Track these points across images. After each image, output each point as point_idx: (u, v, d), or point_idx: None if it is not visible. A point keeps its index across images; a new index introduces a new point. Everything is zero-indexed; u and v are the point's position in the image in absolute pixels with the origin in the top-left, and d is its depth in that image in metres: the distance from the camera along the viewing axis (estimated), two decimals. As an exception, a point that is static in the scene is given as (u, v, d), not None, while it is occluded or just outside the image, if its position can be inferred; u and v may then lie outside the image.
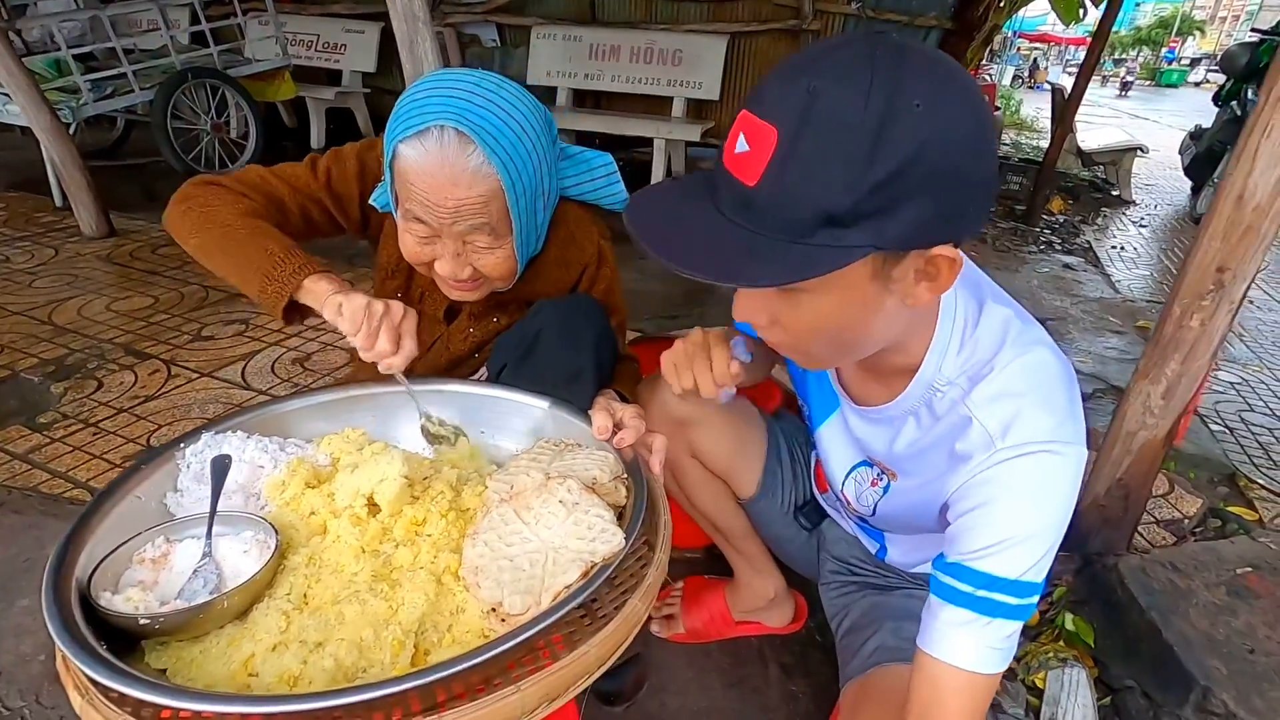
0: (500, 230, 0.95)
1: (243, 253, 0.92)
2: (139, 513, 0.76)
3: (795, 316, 0.71)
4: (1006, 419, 0.75)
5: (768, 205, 0.62)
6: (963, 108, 0.61)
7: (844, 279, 0.65)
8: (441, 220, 0.91)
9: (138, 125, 4.84)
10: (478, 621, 0.67)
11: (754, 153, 0.62)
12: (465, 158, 0.87)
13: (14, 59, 3.12)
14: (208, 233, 0.95)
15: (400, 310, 0.88)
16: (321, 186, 1.07)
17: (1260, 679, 1.31)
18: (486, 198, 0.90)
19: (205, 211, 0.96)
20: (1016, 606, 0.73)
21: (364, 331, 0.84)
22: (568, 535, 0.69)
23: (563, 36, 5.07)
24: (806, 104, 0.59)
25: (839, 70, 0.60)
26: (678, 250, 0.65)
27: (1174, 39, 30.57)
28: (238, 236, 0.93)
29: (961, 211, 0.64)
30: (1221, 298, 1.34)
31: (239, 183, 1.02)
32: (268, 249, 0.91)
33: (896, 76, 0.59)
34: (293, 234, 1.06)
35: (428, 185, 0.89)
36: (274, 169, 1.07)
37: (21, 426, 1.97)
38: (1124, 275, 4.00)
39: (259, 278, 0.90)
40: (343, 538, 0.74)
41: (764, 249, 0.62)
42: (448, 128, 0.87)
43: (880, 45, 0.61)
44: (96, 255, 3.25)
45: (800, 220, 0.61)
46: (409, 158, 0.88)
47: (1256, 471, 2.05)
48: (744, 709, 1.32)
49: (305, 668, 0.60)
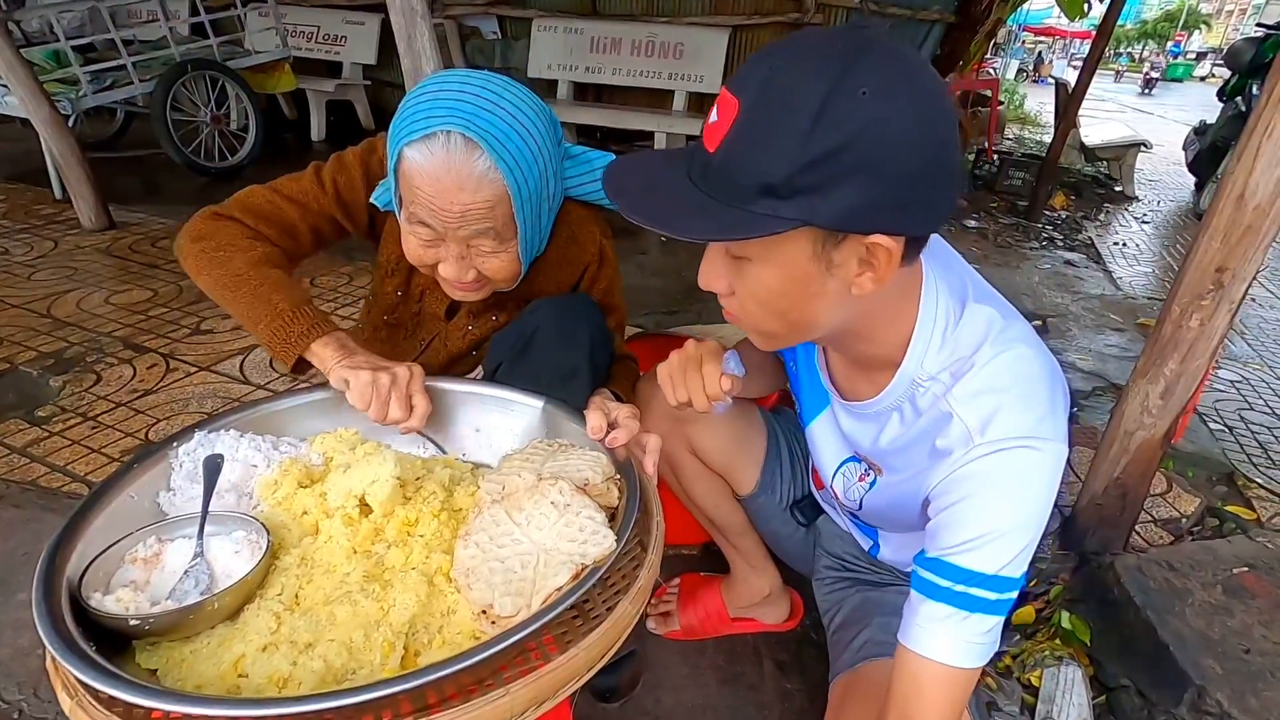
0: (505, 234, 0.95)
1: (253, 307, 0.94)
2: (132, 512, 0.76)
3: (744, 288, 0.74)
4: (986, 415, 0.75)
5: (720, 171, 0.66)
6: (910, 102, 0.63)
7: (784, 253, 0.69)
8: (447, 225, 0.91)
9: (137, 117, 4.82)
10: (469, 623, 0.67)
11: (719, 122, 0.66)
12: (472, 163, 0.87)
13: (13, 50, 3.10)
14: (219, 278, 0.96)
15: (406, 375, 0.88)
16: (331, 200, 1.07)
17: (1255, 678, 1.31)
18: (492, 203, 0.90)
19: (218, 256, 0.97)
20: (995, 601, 0.74)
21: (374, 407, 0.84)
22: (559, 537, 0.69)
23: (564, 29, 5.04)
24: (766, 80, 0.63)
25: (802, 54, 0.64)
26: (634, 199, 0.71)
27: (1180, 33, 30.37)
28: (249, 287, 0.94)
29: (902, 203, 0.65)
30: (1221, 298, 1.33)
31: (250, 213, 1.02)
32: (277, 307, 0.92)
33: (850, 63, 0.62)
34: (305, 254, 1.10)
35: (433, 190, 0.88)
36: (279, 187, 1.06)
37: (20, 420, 1.98)
38: (1126, 272, 3.99)
39: (268, 334, 0.92)
40: (335, 538, 0.74)
41: (709, 209, 0.67)
42: (454, 133, 0.86)
43: (849, 36, 0.64)
44: (96, 248, 3.25)
45: (744, 187, 0.65)
46: (415, 161, 0.88)
47: (1255, 471, 2.05)
48: (739, 706, 1.32)
49: (295, 669, 0.60)
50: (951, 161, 0.66)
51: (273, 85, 5.04)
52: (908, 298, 0.79)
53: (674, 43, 4.81)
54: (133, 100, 4.22)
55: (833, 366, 0.98)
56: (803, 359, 1.04)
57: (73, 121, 3.62)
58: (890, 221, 0.66)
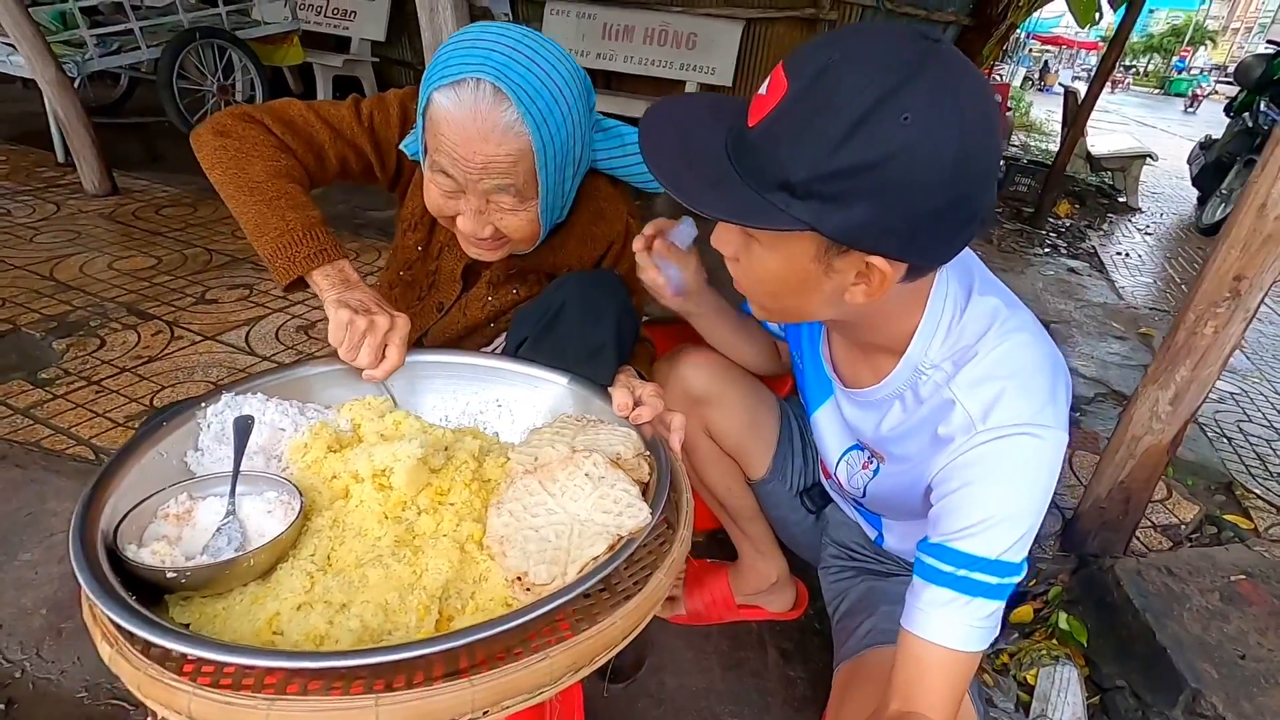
0: (526, 192, 0.93)
1: (264, 217, 0.91)
2: (160, 469, 0.75)
3: (747, 262, 0.76)
4: (988, 402, 0.76)
5: (752, 149, 0.66)
6: (952, 137, 0.60)
7: (789, 246, 0.69)
8: (468, 175, 0.90)
9: (142, 83, 4.76)
10: (501, 590, 0.67)
11: (767, 98, 0.65)
12: (499, 113, 0.86)
13: (19, 8, 3.06)
14: (236, 179, 0.93)
15: (386, 323, 0.86)
16: (365, 131, 1.04)
17: (1249, 683, 1.33)
18: (515, 157, 0.89)
19: (239, 157, 0.94)
20: (996, 586, 0.75)
21: (344, 348, 0.84)
22: (594, 509, 0.69)
23: (576, 14, 5.01)
24: (820, 71, 0.62)
25: (861, 54, 0.62)
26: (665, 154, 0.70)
27: (1185, 48, 30.45)
28: (264, 196, 0.91)
29: (912, 233, 0.65)
30: (1237, 306, 1.35)
31: (281, 123, 0.99)
32: (289, 223, 0.90)
33: (903, 81, 0.59)
34: (326, 181, 1.06)
35: (458, 137, 0.87)
36: (317, 107, 1.03)
37: (23, 381, 1.96)
38: (1128, 282, 4.02)
39: (272, 248, 0.90)
40: (366, 503, 0.74)
41: (728, 185, 0.67)
42: (484, 81, 0.85)
43: (913, 48, 0.61)
44: (99, 213, 3.22)
45: (766, 173, 0.65)
46: (442, 106, 0.86)
47: (1253, 481, 2.07)
48: (742, 691, 1.33)
49: (331, 628, 0.60)
50: (977, 204, 0.65)
51: (280, 58, 4.98)
52: (916, 292, 0.80)
53: (687, 32, 4.79)
54: (138, 66, 4.16)
55: (836, 354, 0.99)
56: (807, 349, 1.05)
57: (77, 84, 3.57)
58: (894, 248, 0.66)
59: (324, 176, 1.05)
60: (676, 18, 4.80)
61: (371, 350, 0.83)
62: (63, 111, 3.29)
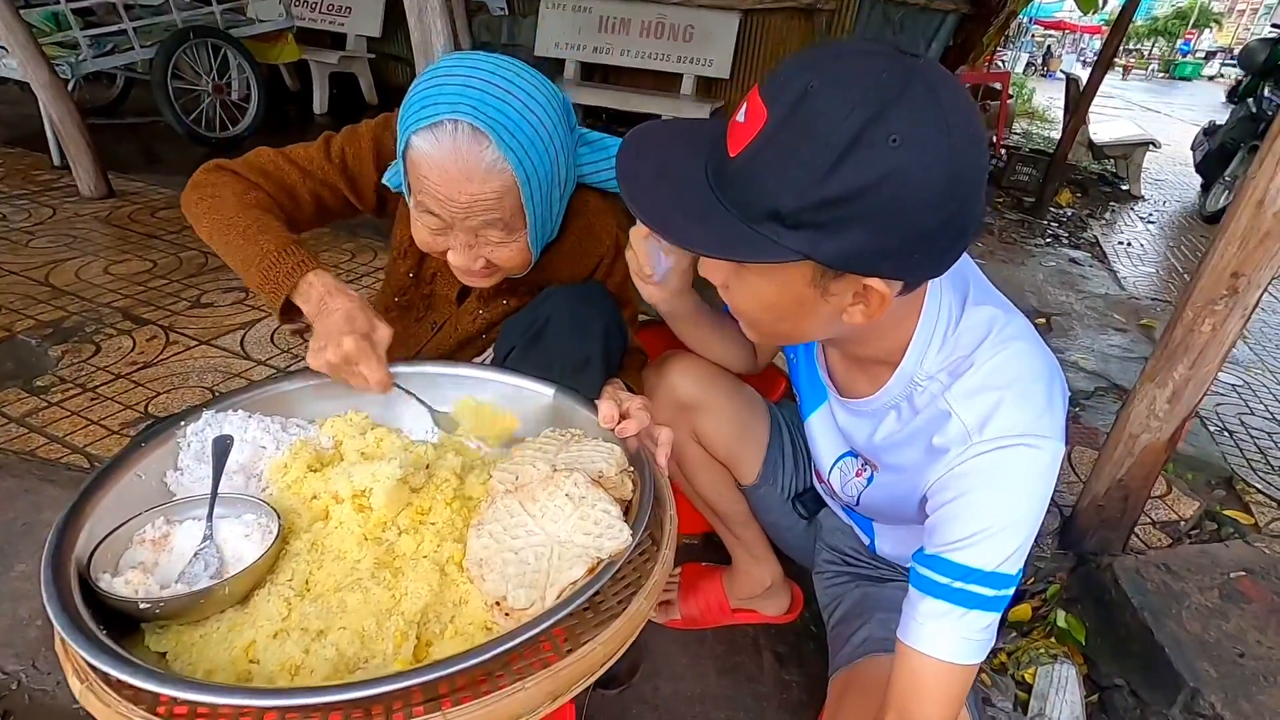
0: (514, 224, 0.93)
1: (242, 249, 0.91)
2: (139, 491, 0.75)
3: (739, 290, 0.75)
4: (984, 413, 0.76)
5: (735, 180, 0.65)
6: (941, 155, 0.59)
7: (782, 274, 0.68)
8: (454, 214, 0.89)
9: (137, 84, 4.75)
10: (481, 614, 0.66)
11: (746, 126, 0.63)
12: (480, 152, 0.85)
13: (11, 10, 3.04)
14: (214, 224, 0.94)
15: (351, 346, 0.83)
16: (336, 169, 1.05)
17: (1248, 682, 1.32)
18: (500, 193, 0.88)
19: (213, 201, 0.95)
20: (992, 598, 0.74)
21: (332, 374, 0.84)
22: (574, 530, 0.68)
23: (572, 7, 4.97)
24: (799, 99, 0.60)
25: (841, 78, 0.60)
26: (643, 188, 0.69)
27: (1190, 31, 30.13)
28: (239, 229, 0.92)
29: (907, 253, 0.64)
30: (1235, 303, 1.33)
31: (250, 169, 1.01)
32: (264, 248, 0.90)
33: (887, 103, 0.58)
34: (305, 221, 1.06)
35: (440, 179, 0.86)
36: (287, 151, 1.04)
37: (19, 389, 1.96)
38: (1130, 272, 3.98)
39: (257, 277, 0.90)
40: (345, 524, 0.73)
41: (714, 217, 0.65)
42: (461, 121, 0.83)
43: (893, 67, 0.60)
44: (95, 216, 3.21)
45: (753, 205, 0.63)
46: (421, 149, 0.86)
47: (1254, 475, 2.06)
48: (737, 696, 1.33)
49: (307, 657, 0.59)
50: (969, 218, 0.65)
51: (275, 55, 4.97)
52: (910, 305, 0.80)
53: (684, 25, 4.75)
54: (133, 66, 4.15)
55: (831, 363, 0.99)
56: (803, 352, 1.04)
57: (72, 87, 3.55)
58: (891, 268, 0.66)
59: (301, 216, 1.05)
60: (673, 10, 4.77)
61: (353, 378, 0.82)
62: (57, 114, 3.28)
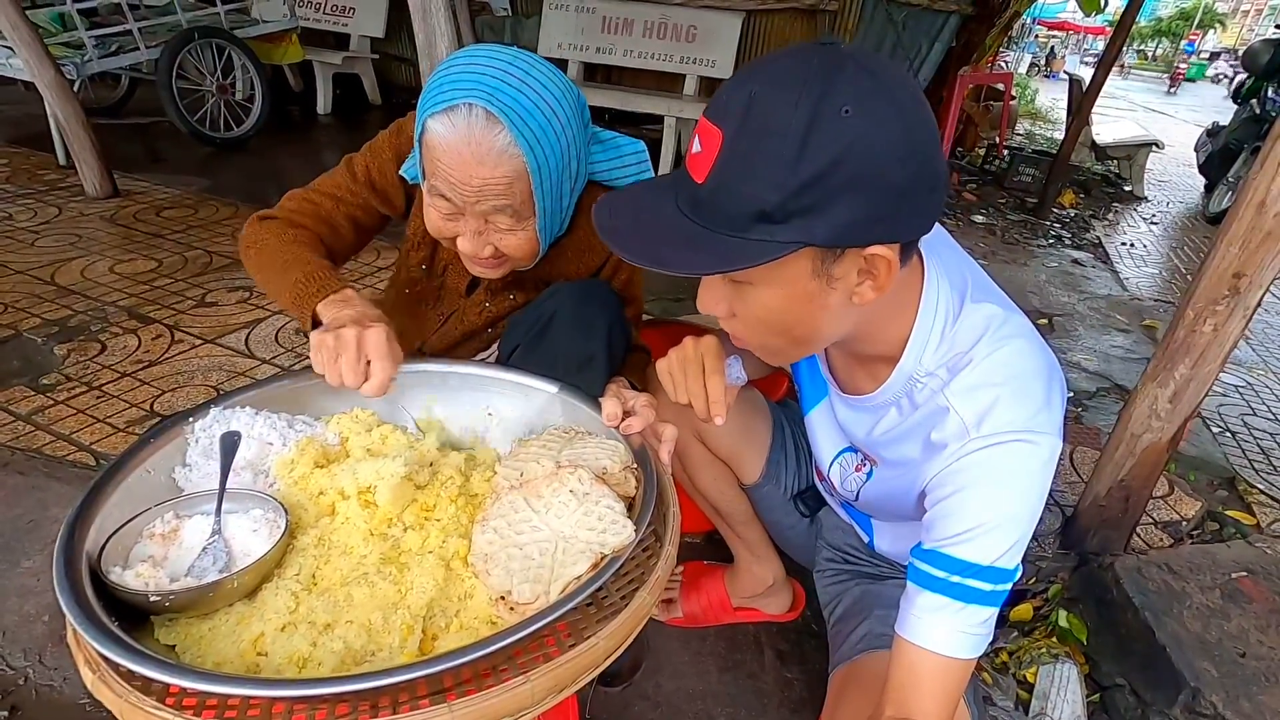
0: (523, 212, 0.94)
1: (280, 282, 0.96)
2: (148, 487, 0.76)
3: (746, 310, 0.74)
4: (982, 409, 0.76)
5: (711, 201, 0.66)
6: (892, 114, 0.63)
7: (784, 274, 0.69)
8: (465, 198, 0.91)
9: (142, 84, 4.77)
10: (485, 608, 0.67)
11: (704, 153, 0.66)
12: (492, 137, 0.86)
13: (18, 11, 3.06)
14: (262, 267, 1.00)
15: (353, 335, 0.82)
16: (364, 187, 1.09)
17: (1249, 682, 1.33)
18: (511, 179, 0.89)
19: (261, 252, 1.01)
20: (989, 593, 0.75)
21: (327, 370, 0.83)
22: (578, 526, 0.69)
23: (575, 8, 4.98)
24: (746, 107, 0.63)
25: (777, 77, 0.64)
26: (625, 236, 0.70)
27: (1194, 32, 30.04)
28: (278, 264, 0.97)
29: (893, 212, 0.66)
30: (1236, 304, 1.33)
31: (289, 211, 1.07)
32: (295, 279, 0.94)
33: (827, 83, 0.62)
34: (347, 247, 1.12)
35: (453, 162, 0.88)
36: (315, 185, 1.10)
37: (25, 387, 1.97)
38: (1133, 273, 3.98)
39: (293, 307, 0.94)
40: (351, 519, 0.74)
41: (703, 241, 0.67)
42: (476, 106, 0.85)
43: (820, 54, 0.64)
44: (100, 216, 3.22)
45: (738, 216, 0.65)
46: (437, 133, 0.88)
47: (1256, 476, 2.06)
48: (738, 693, 1.33)
49: (314, 650, 0.60)
50: (937, 166, 0.67)
51: (279, 56, 4.98)
52: (908, 296, 0.80)
53: (687, 25, 4.76)
54: (138, 67, 4.16)
55: (832, 360, 0.99)
56: None
57: (77, 86, 3.57)
58: (885, 232, 0.67)
59: (342, 242, 1.10)
60: (676, 11, 4.77)
61: (351, 368, 0.82)
62: (62, 114, 3.29)
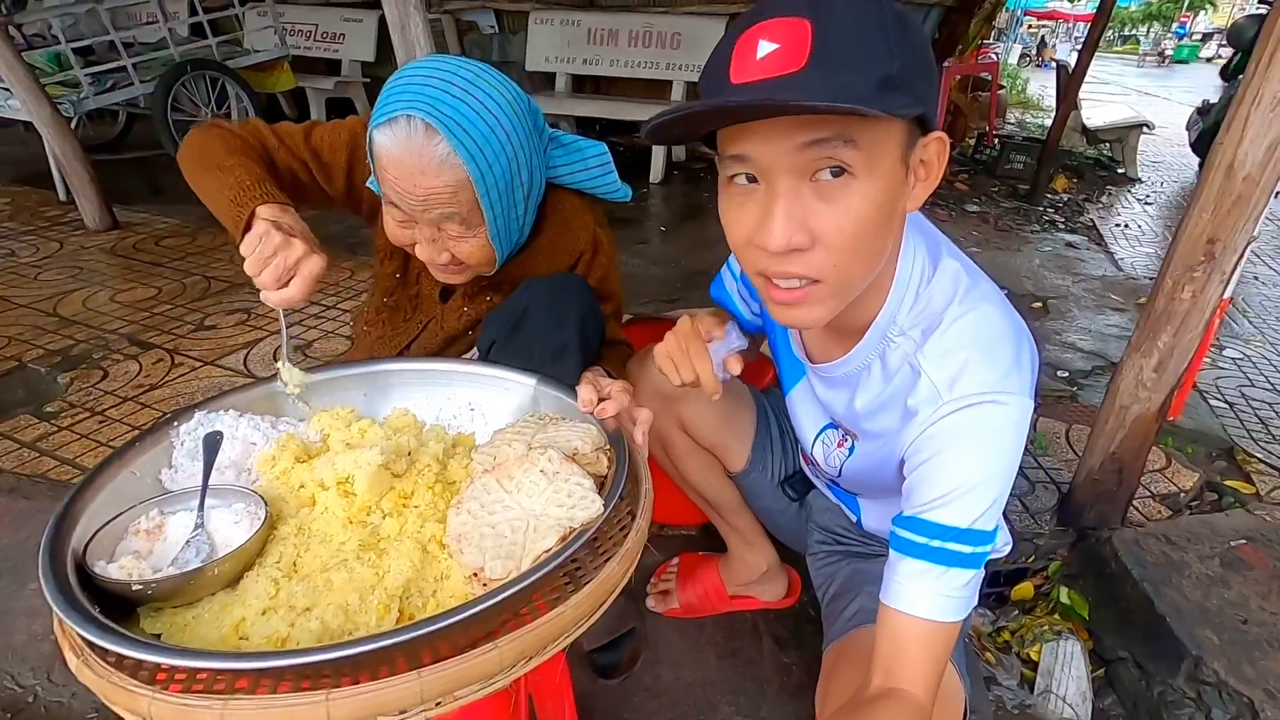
0: (472, 220, 0.97)
1: (220, 182, 0.95)
2: (134, 488, 0.78)
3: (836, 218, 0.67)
4: (953, 372, 0.78)
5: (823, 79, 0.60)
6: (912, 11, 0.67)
7: (884, 157, 0.66)
8: (413, 207, 0.94)
9: (139, 118, 4.86)
10: (461, 587, 0.68)
11: (788, 46, 0.61)
12: (432, 148, 0.89)
13: (13, 53, 3.14)
14: (198, 170, 0.99)
15: (301, 249, 0.85)
16: (308, 150, 1.09)
17: (1252, 648, 1.32)
18: (455, 187, 0.92)
19: (201, 152, 1.01)
20: (970, 555, 0.76)
21: (255, 255, 0.83)
22: (548, 503, 0.70)
23: (560, 21, 5.05)
24: None
25: None
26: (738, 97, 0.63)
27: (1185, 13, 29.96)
28: (220, 166, 0.96)
29: (936, 94, 0.69)
30: (1213, 269, 1.34)
31: (238, 128, 1.07)
32: (239, 179, 0.93)
33: None
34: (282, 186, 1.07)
35: (398, 172, 0.91)
36: (275, 126, 1.10)
37: (30, 416, 2.01)
38: (1128, 253, 3.97)
39: (227, 203, 0.92)
40: (331, 509, 0.76)
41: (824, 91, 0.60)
42: (415, 117, 0.88)
43: None
44: (100, 248, 3.29)
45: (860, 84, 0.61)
46: (381, 144, 0.91)
47: (1255, 446, 2.05)
48: (737, 680, 1.34)
49: (293, 630, 0.62)
50: None
51: (272, 84, 5.06)
52: (891, 253, 0.80)
53: (671, 32, 4.81)
54: (134, 101, 4.25)
55: (805, 335, 1.00)
56: (780, 331, 1.06)
57: (75, 123, 3.65)
58: (933, 115, 0.69)
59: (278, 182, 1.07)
60: (660, 19, 4.83)
61: (276, 270, 0.82)
62: (60, 151, 3.37)
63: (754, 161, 0.67)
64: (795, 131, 0.63)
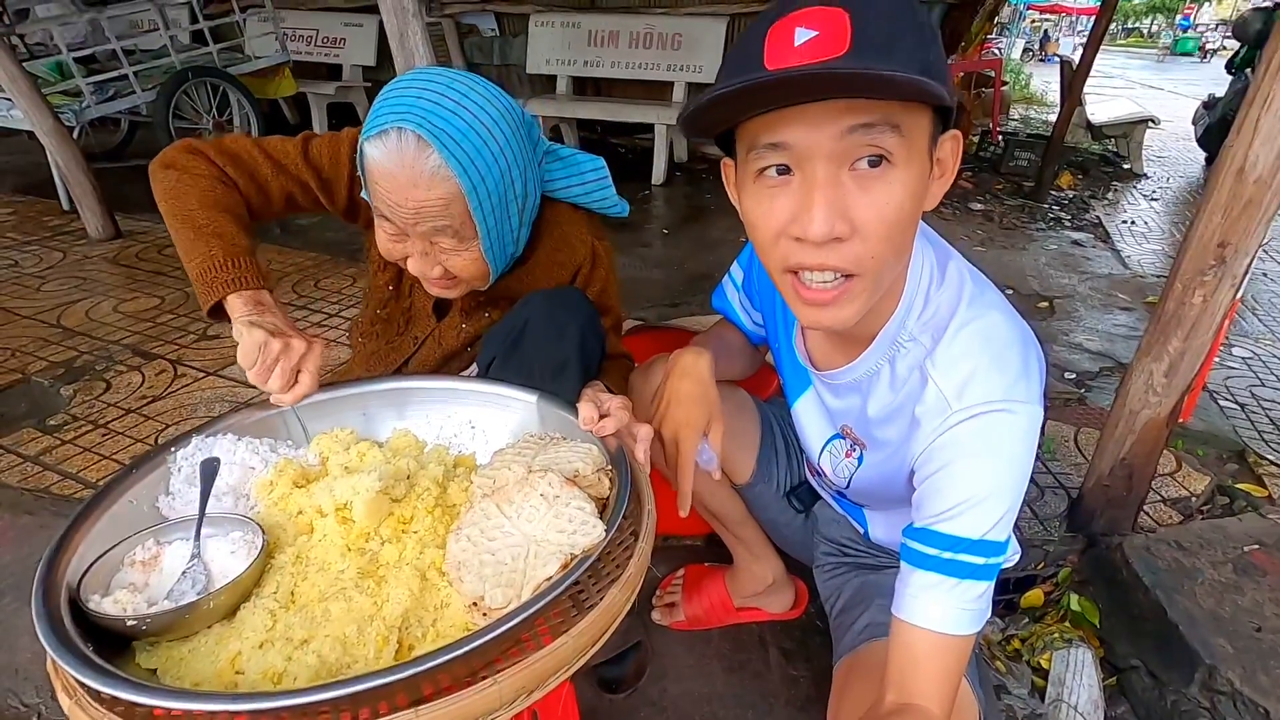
0: (465, 233, 0.95)
1: (193, 245, 0.93)
2: (131, 515, 0.77)
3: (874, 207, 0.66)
4: (961, 382, 0.77)
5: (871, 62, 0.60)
6: None
7: (919, 147, 0.66)
8: (404, 220, 0.92)
9: (141, 126, 4.87)
10: (461, 616, 0.67)
11: (828, 34, 0.60)
12: (423, 160, 0.88)
13: (15, 63, 3.14)
14: (172, 209, 0.97)
15: (302, 347, 0.85)
16: (309, 168, 1.07)
17: (1267, 656, 1.30)
18: (446, 200, 0.91)
19: (178, 188, 0.98)
20: (983, 566, 0.75)
21: (256, 370, 0.82)
22: (548, 528, 0.69)
23: (561, 24, 5.04)
24: None
25: None
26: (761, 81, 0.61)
27: (1189, 5, 29.76)
28: (194, 225, 0.94)
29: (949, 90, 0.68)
30: (1224, 273, 1.32)
31: (224, 155, 1.02)
32: (211, 252, 0.92)
33: None
34: (271, 213, 1.08)
35: (390, 185, 0.89)
36: (264, 143, 1.06)
37: (33, 429, 2.01)
38: (1134, 250, 3.94)
39: (195, 275, 0.92)
40: (329, 536, 0.75)
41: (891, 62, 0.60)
42: (406, 130, 0.87)
43: None
44: (103, 257, 3.29)
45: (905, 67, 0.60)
46: (372, 157, 0.89)
47: (1267, 447, 2.02)
48: (744, 694, 1.33)
49: (289, 664, 0.61)
50: None
51: (274, 90, 5.07)
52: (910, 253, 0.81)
53: (672, 33, 4.79)
54: (136, 109, 4.26)
55: (810, 342, 0.99)
56: (783, 340, 1.05)
57: (77, 132, 3.65)
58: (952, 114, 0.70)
59: (268, 208, 1.07)
60: (660, 20, 4.82)
61: (283, 375, 0.82)
62: (62, 160, 3.37)
63: (793, 149, 0.65)
64: (842, 116, 0.63)
